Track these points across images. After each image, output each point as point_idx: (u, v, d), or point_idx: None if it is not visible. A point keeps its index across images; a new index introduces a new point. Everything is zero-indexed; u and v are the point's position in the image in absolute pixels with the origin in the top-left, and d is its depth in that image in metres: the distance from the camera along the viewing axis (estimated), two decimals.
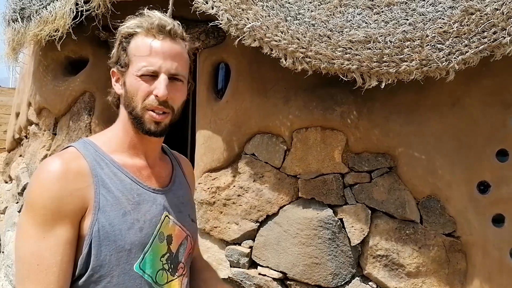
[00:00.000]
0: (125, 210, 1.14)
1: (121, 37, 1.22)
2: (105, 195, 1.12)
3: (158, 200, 1.23)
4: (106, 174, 1.15)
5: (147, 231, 1.17)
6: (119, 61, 1.21)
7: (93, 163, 1.14)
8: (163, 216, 1.22)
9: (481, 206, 2.64)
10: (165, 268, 1.21)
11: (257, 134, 2.93)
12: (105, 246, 1.10)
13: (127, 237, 1.12)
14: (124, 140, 1.24)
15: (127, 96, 1.19)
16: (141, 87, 1.16)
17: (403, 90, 2.58)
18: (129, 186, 1.18)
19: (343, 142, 2.75)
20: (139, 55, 1.17)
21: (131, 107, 1.18)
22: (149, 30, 1.18)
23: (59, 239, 1.06)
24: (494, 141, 2.65)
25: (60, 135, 3.78)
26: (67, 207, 1.07)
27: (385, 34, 2.27)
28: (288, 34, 2.40)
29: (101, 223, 1.10)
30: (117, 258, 1.11)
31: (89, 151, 1.17)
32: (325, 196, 2.75)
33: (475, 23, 2.16)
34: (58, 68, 3.88)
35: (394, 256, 2.65)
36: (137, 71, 1.16)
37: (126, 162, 1.21)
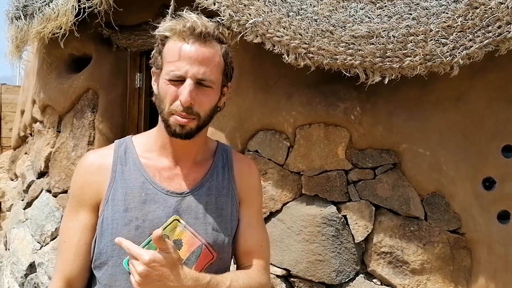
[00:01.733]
0: (127, 207, 1.19)
1: (158, 39, 1.24)
2: (116, 190, 1.21)
3: (169, 202, 1.22)
4: (126, 170, 1.24)
5: (143, 230, 1.18)
6: (155, 63, 1.24)
7: (117, 159, 1.25)
8: (170, 219, 1.20)
9: (486, 203, 2.61)
10: None
11: (260, 131, 2.92)
12: (104, 236, 1.20)
13: (121, 232, 1.17)
14: (157, 140, 1.29)
15: (158, 98, 1.22)
16: (169, 91, 1.17)
17: (406, 86, 2.55)
18: (141, 184, 1.22)
19: (346, 139, 2.73)
20: (169, 59, 1.18)
21: (161, 109, 1.21)
22: (181, 33, 1.17)
23: (80, 224, 1.21)
24: (499, 136, 2.62)
25: (64, 132, 3.79)
26: (85, 196, 1.22)
27: (388, 29, 2.25)
28: (290, 30, 2.38)
29: (105, 215, 1.20)
30: (112, 250, 1.19)
31: (121, 147, 1.28)
32: (329, 192, 2.74)
33: (479, 17, 2.13)
34: (62, 65, 3.88)
35: (398, 253, 2.63)
36: (166, 75, 1.18)
37: (150, 162, 1.26)
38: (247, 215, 1.36)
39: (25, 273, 3.88)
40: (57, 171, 3.76)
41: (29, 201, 4.14)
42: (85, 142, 3.61)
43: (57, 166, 3.78)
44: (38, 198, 4.02)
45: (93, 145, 3.61)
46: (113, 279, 1.19)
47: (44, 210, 3.85)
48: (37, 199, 4.02)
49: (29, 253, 3.91)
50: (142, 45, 3.48)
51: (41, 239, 3.83)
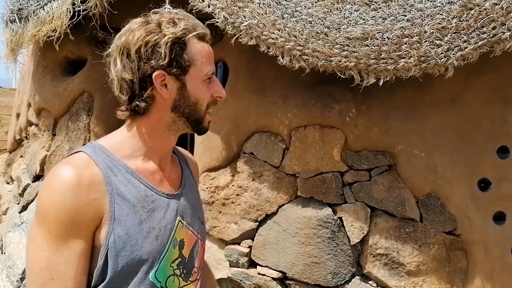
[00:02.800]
0: (140, 219, 1.11)
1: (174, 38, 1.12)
2: (120, 204, 1.09)
3: (171, 205, 1.20)
4: (120, 181, 1.11)
5: (162, 239, 1.14)
6: (174, 64, 1.13)
7: (106, 170, 1.10)
8: (176, 222, 1.20)
9: (482, 204, 2.61)
10: (176, 274, 1.18)
11: (255, 133, 2.92)
12: (122, 257, 1.07)
13: (144, 246, 1.10)
14: (142, 144, 1.19)
15: (188, 100, 1.17)
16: (208, 92, 1.18)
17: (402, 87, 2.55)
18: (144, 192, 1.14)
19: (342, 140, 2.72)
20: (204, 59, 1.17)
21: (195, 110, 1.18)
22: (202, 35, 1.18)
23: (74, 252, 1.03)
24: (495, 137, 2.62)
25: (60, 135, 3.77)
26: (82, 218, 1.03)
27: (382, 31, 2.24)
28: (285, 32, 2.38)
29: (117, 233, 1.06)
30: (134, 268, 1.09)
31: (100, 156, 1.12)
32: (324, 194, 2.73)
33: (474, 18, 2.13)
34: (57, 68, 3.87)
35: (394, 254, 2.62)
36: (205, 74, 1.17)
37: (139, 166, 1.17)
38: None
39: (20, 277, 3.86)
40: None
41: (25, 204, 4.13)
42: (80, 145, 3.59)
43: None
44: (33, 201, 4.00)
45: None
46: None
47: None
48: (33, 203, 4.01)
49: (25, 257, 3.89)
50: None
51: None
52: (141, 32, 1.13)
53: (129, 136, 1.20)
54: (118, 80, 1.16)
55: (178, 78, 1.15)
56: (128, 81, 1.14)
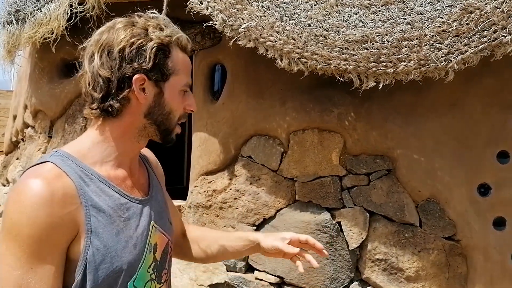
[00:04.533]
0: (117, 229, 1.07)
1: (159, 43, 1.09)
2: (96, 216, 1.04)
3: (144, 211, 1.16)
4: (93, 190, 1.05)
5: (140, 247, 1.12)
6: (156, 70, 1.09)
7: (78, 180, 1.03)
8: (151, 226, 1.16)
9: (481, 209, 2.59)
10: (152, 278, 1.16)
11: (253, 136, 2.89)
12: (102, 269, 1.03)
13: (123, 257, 1.06)
14: (113, 150, 1.13)
15: (163, 107, 1.13)
16: (182, 103, 1.15)
17: (401, 91, 2.53)
18: (118, 201, 1.10)
19: (340, 144, 2.70)
20: (182, 68, 1.13)
21: (167, 119, 1.14)
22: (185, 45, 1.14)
23: (49, 269, 0.97)
24: (494, 142, 2.60)
25: (56, 137, 3.74)
26: (57, 234, 0.98)
27: (382, 34, 2.23)
28: (283, 34, 2.36)
29: (96, 246, 1.02)
30: (114, 279, 1.05)
31: (70, 166, 1.04)
32: (323, 199, 2.70)
33: (474, 21, 2.12)
34: (54, 70, 3.84)
35: (393, 260, 2.60)
36: (182, 85, 1.13)
37: (110, 173, 1.11)
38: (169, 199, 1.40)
39: None
40: None
41: None
42: None
43: None
44: None
45: None
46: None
47: None
48: None
49: None
50: None
51: None
52: (127, 33, 1.08)
53: (98, 141, 1.13)
54: (93, 76, 1.09)
55: (157, 84, 1.10)
56: (105, 79, 1.08)
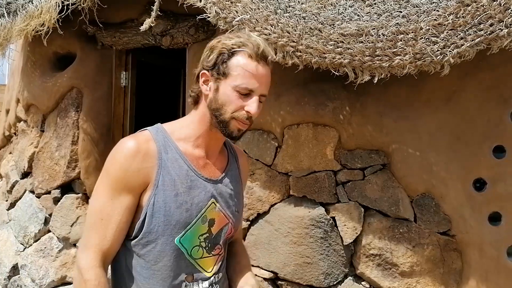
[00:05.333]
0: (177, 192, 1.35)
1: (223, 48, 1.35)
2: (164, 176, 1.34)
3: (208, 188, 1.41)
4: (169, 158, 1.36)
5: (191, 213, 1.37)
6: (216, 68, 1.36)
7: (161, 147, 1.36)
8: (209, 202, 1.41)
9: (477, 204, 2.57)
10: (201, 246, 1.40)
11: (248, 130, 2.85)
12: (156, 218, 1.33)
13: (174, 214, 1.34)
14: (194, 133, 1.42)
15: (217, 101, 1.35)
16: (236, 100, 1.33)
17: (396, 85, 2.51)
18: (185, 172, 1.37)
19: (335, 139, 2.67)
20: (242, 73, 1.32)
21: (220, 112, 1.35)
22: (254, 54, 1.33)
23: (122, 204, 1.32)
24: (490, 137, 2.58)
25: (48, 132, 3.70)
26: (133, 180, 1.32)
27: (377, 27, 2.19)
28: (278, 28, 2.32)
29: (157, 199, 1.33)
30: (163, 230, 1.33)
31: (159, 136, 1.39)
32: (317, 194, 2.68)
33: (471, 15, 2.08)
34: (46, 63, 3.80)
35: (387, 255, 2.58)
36: (236, 85, 1.32)
37: (188, 150, 1.40)
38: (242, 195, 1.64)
39: (8, 275, 3.79)
40: (41, 171, 3.68)
41: (13, 201, 4.06)
42: (69, 142, 3.53)
43: (40, 166, 3.69)
44: (21, 198, 3.93)
45: (77, 145, 3.53)
46: (161, 255, 1.35)
47: (28, 211, 3.76)
48: (21, 200, 3.93)
49: (12, 255, 3.83)
50: (127, 43, 3.40)
51: (24, 241, 3.74)
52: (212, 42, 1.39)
53: (186, 124, 1.45)
54: None
55: (216, 81, 1.36)
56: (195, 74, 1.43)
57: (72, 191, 3.64)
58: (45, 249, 3.60)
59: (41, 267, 3.56)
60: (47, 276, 3.52)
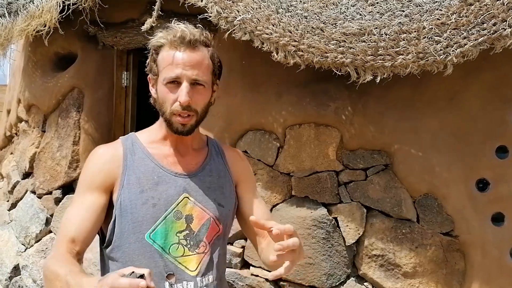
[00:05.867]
0: (142, 188, 1.36)
1: (152, 48, 1.39)
2: (130, 176, 1.37)
3: (179, 182, 1.41)
4: (136, 159, 1.40)
5: (159, 207, 1.36)
6: (152, 70, 1.41)
7: (127, 150, 1.41)
8: (181, 197, 1.39)
9: (480, 204, 2.55)
10: (181, 243, 1.38)
11: (249, 131, 2.85)
12: (124, 217, 1.34)
13: (140, 210, 1.34)
14: (159, 134, 1.47)
15: (158, 101, 1.39)
16: (168, 95, 1.34)
17: (399, 85, 2.50)
18: (152, 169, 1.40)
19: (337, 139, 2.66)
20: (165, 65, 1.35)
21: (162, 111, 1.39)
22: (172, 42, 1.34)
23: (85, 203, 1.33)
24: (493, 137, 2.56)
25: (49, 132, 3.70)
26: (97, 179, 1.36)
27: (380, 26, 2.18)
28: (279, 27, 2.31)
29: (123, 198, 1.35)
30: (133, 228, 1.34)
31: (128, 141, 1.45)
32: (319, 194, 2.67)
33: (474, 14, 2.07)
34: (47, 64, 3.79)
35: (390, 256, 2.57)
36: (163, 80, 1.35)
37: (156, 151, 1.44)
38: (249, 193, 1.57)
39: (9, 276, 3.78)
40: (42, 171, 3.67)
41: (14, 202, 4.05)
42: (70, 142, 3.52)
43: (41, 166, 3.68)
44: (22, 199, 3.93)
45: (78, 145, 3.52)
46: (135, 254, 1.34)
47: (29, 212, 3.76)
48: (22, 200, 3.93)
49: (14, 255, 3.82)
50: (128, 43, 3.39)
51: (26, 241, 3.74)
52: None
53: (153, 128, 1.50)
54: None
55: (155, 81, 1.40)
56: None
57: (73, 191, 3.61)
58: (46, 249, 3.59)
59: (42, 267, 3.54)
60: None
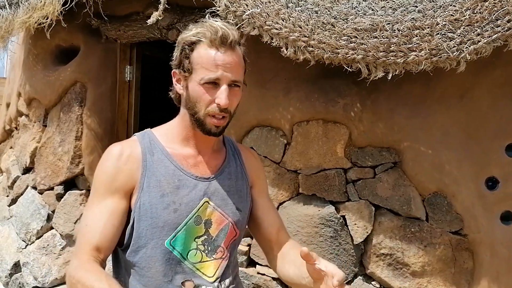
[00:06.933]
0: (163, 192, 1.30)
1: (184, 43, 1.30)
2: (149, 178, 1.30)
3: (199, 186, 1.35)
4: (155, 160, 1.33)
5: (181, 213, 1.31)
6: (181, 66, 1.31)
7: (145, 150, 1.34)
8: (202, 202, 1.34)
9: (489, 203, 2.53)
10: (199, 249, 1.34)
11: (256, 127, 2.82)
12: (143, 221, 1.28)
13: (161, 215, 1.28)
14: (180, 133, 1.38)
15: (189, 100, 1.31)
16: (204, 95, 1.27)
17: (409, 82, 2.46)
18: (172, 172, 1.33)
19: (346, 136, 2.63)
20: (203, 65, 1.27)
21: (194, 110, 1.30)
22: (212, 42, 1.26)
23: (107, 208, 1.27)
24: (503, 135, 2.54)
25: (51, 127, 3.65)
26: (116, 182, 1.29)
27: (392, 22, 2.14)
28: (289, 22, 2.27)
29: (142, 201, 1.29)
30: (152, 233, 1.28)
31: (145, 139, 1.37)
32: (327, 192, 2.64)
33: (488, 10, 2.03)
34: (48, 57, 3.74)
35: (398, 255, 2.54)
36: (200, 80, 1.27)
37: (175, 151, 1.36)
38: (263, 197, 1.54)
39: (9, 273, 3.74)
40: (43, 167, 3.63)
41: (14, 197, 4.01)
42: (72, 137, 3.47)
43: (43, 161, 3.64)
44: (23, 194, 3.89)
45: (80, 140, 3.48)
46: (152, 261, 1.29)
47: (30, 208, 3.71)
48: (22, 196, 3.88)
49: (14, 252, 3.78)
50: (132, 36, 3.34)
51: (26, 238, 3.69)
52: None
53: (172, 126, 1.42)
54: None
55: (185, 78, 1.31)
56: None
57: (75, 187, 3.59)
58: (48, 246, 3.55)
59: (43, 264, 3.51)
60: (50, 274, 3.47)
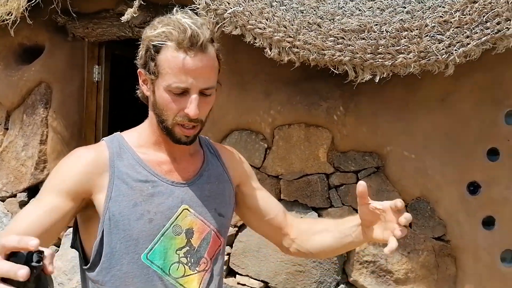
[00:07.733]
0: (136, 201, 1.17)
1: (149, 41, 1.15)
2: (119, 186, 1.17)
3: (176, 193, 1.23)
4: (125, 165, 1.20)
5: (157, 222, 1.18)
6: (147, 67, 1.17)
7: (114, 155, 1.20)
8: (180, 209, 1.22)
9: (471, 208, 2.51)
10: (182, 262, 1.22)
11: (234, 131, 2.72)
12: (114, 234, 1.15)
13: (135, 227, 1.15)
14: (150, 137, 1.27)
15: (156, 106, 1.20)
16: (170, 104, 1.16)
17: (391, 84, 2.41)
18: (145, 178, 1.20)
19: (328, 140, 2.56)
20: (170, 70, 1.13)
21: (161, 118, 1.20)
22: (180, 43, 1.11)
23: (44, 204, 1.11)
24: (484, 139, 2.52)
25: (13, 130, 3.48)
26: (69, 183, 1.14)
27: (380, 23, 2.09)
28: (273, 21, 2.18)
29: (112, 212, 1.14)
30: (126, 247, 1.15)
31: (114, 143, 1.24)
32: (309, 198, 2.57)
33: (477, 12, 2.01)
34: (11, 56, 3.56)
35: (382, 262, 2.49)
36: (167, 86, 1.14)
37: (148, 156, 1.24)
38: (257, 189, 1.46)
39: None
40: (5, 172, 3.45)
41: None
42: (37, 141, 3.29)
43: (5, 167, 3.46)
44: None
45: (46, 144, 3.30)
46: (129, 277, 1.17)
47: None
48: None
49: None
50: (101, 34, 3.19)
51: None
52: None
53: (143, 129, 1.30)
54: None
55: (152, 81, 1.18)
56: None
57: None
58: None
59: None
60: None
